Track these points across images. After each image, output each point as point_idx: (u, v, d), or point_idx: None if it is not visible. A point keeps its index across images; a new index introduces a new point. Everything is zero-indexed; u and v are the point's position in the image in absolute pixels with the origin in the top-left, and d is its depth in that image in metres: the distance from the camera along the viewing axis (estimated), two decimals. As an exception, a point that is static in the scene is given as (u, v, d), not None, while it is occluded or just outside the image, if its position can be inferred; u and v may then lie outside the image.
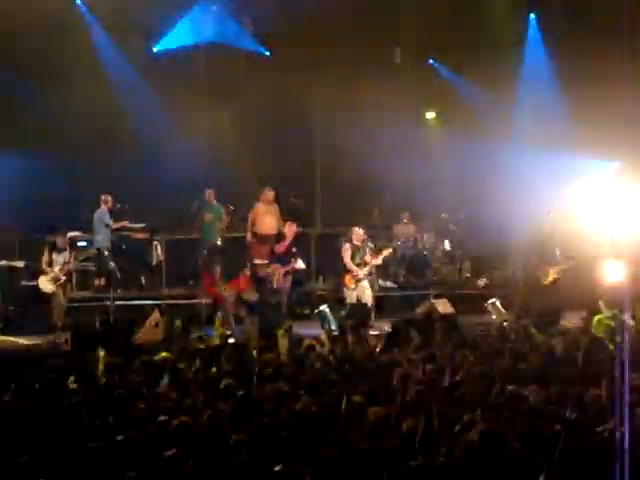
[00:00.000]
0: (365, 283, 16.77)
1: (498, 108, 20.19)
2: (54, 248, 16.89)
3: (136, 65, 19.90)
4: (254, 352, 11.86)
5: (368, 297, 16.72)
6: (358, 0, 19.98)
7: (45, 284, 16.62)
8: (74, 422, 8.46)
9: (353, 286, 16.68)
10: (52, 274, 16.61)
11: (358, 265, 16.75)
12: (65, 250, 16.92)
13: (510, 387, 9.00)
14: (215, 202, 18.60)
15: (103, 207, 18.13)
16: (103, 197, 18.16)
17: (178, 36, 20.24)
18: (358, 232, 17.00)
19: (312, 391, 9.14)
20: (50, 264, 16.70)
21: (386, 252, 17.55)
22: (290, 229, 17.06)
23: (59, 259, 16.76)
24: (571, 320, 15.43)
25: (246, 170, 19.53)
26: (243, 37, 19.86)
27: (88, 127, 19.52)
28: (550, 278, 17.21)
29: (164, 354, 11.45)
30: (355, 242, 16.92)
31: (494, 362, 10.62)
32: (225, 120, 20.62)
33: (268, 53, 20.22)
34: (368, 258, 16.90)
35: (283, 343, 12.38)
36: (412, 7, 20.92)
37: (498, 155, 19.75)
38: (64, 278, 16.76)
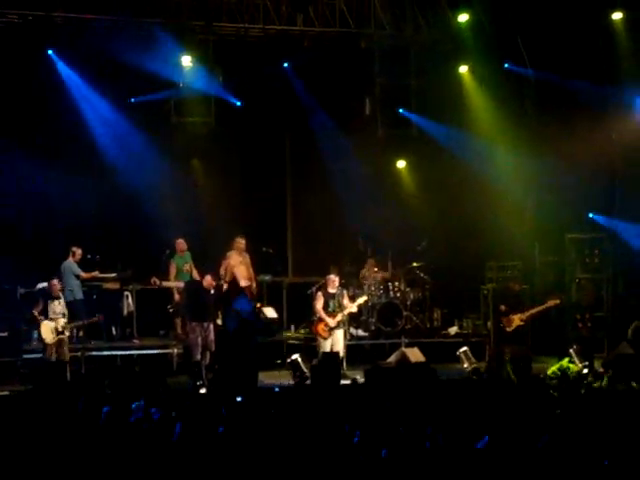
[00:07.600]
0: (339, 332, 16.67)
1: (471, 154, 20.24)
2: (47, 296, 16.69)
3: (111, 115, 19.72)
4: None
5: (341, 346, 16.65)
6: (329, 52, 20.00)
7: (47, 332, 16.29)
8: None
9: (327, 335, 16.61)
10: (54, 324, 16.27)
11: (332, 313, 16.68)
12: (59, 298, 16.68)
13: None
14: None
15: (71, 258, 18.09)
16: (74, 249, 18.12)
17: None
18: (333, 279, 16.91)
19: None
20: (44, 312, 16.42)
21: (361, 300, 17.55)
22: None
23: (55, 308, 16.46)
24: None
25: (216, 219, 19.51)
26: (214, 86, 19.77)
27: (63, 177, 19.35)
28: (513, 325, 17.22)
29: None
30: (329, 290, 16.85)
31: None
32: (195, 169, 20.66)
33: (239, 103, 20.21)
34: (346, 303, 16.86)
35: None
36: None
37: (470, 204, 19.87)
38: (66, 335, 16.41)
